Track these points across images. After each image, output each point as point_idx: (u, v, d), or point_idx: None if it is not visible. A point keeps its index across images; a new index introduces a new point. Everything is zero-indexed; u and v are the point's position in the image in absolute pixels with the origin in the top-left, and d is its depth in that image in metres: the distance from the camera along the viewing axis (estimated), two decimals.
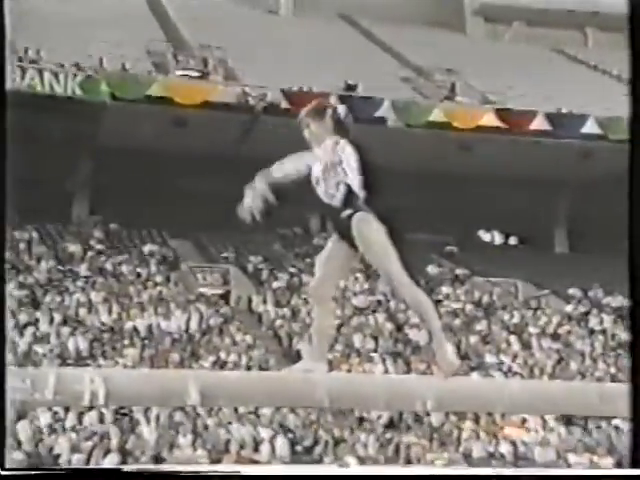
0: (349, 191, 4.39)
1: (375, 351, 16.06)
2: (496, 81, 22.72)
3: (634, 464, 3.74)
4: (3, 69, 3.51)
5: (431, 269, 21.06)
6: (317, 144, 4.40)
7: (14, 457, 10.64)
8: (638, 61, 3.83)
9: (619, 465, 11.89)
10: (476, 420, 13.48)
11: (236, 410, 12.27)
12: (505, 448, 13.08)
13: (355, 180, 4.38)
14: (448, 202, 22.27)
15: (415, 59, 24.77)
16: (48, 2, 21.57)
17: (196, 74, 20.97)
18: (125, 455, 11.35)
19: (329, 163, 4.39)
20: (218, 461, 11.55)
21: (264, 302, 18.00)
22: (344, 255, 4.46)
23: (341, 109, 4.55)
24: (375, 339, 16.51)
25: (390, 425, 13.25)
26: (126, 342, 14.88)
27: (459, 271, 21.04)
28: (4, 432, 3.43)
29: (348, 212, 4.38)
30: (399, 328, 17.26)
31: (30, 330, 14.59)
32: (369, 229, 4.40)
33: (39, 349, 14.01)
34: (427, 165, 21.02)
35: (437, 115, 21.00)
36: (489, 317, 18.66)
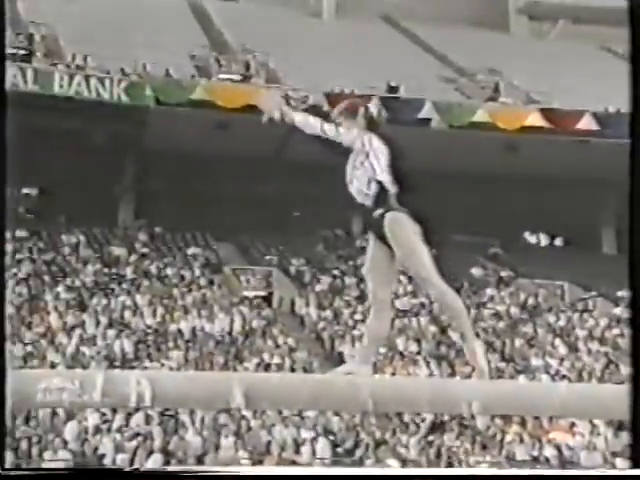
0: (381, 189, 4.34)
1: (419, 354, 15.96)
2: (541, 80, 22.43)
3: (634, 464, 3.67)
4: (3, 69, 3.53)
5: (475, 271, 20.87)
6: (349, 142, 4.35)
7: (60, 456, 10.81)
8: (638, 61, 3.74)
9: None
10: (522, 424, 13.31)
11: (280, 412, 12.30)
12: (550, 452, 12.89)
13: (384, 175, 4.32)
14: (493, 203, 22.06)
15: (457, 59, 24.58)
16: (94, 10, 21.92)
17: (238, 77, 21.11)
18: (168, 456, 11.45)
19: (358, 159, 4.35)
20: (259, 462, 11.59)
21: (307, 304, 18.02)
22: (386, 256, 4.41)
23: (373, 107, 4.50)
24: (418, 342, 16.42)
25: (433, 428, 13.15)
26: (170, 344, 15.03)
27: (504, 273, 20.81)
28: (4, 432, 3.47)
29: (380, 211, 4.33)
30: (443, 331, 17.14)
31: (77, 332, 14.81)
32: (400, 228, 4.33)
33: (86, 351, 14.22)
34: (472, 166, 20.85)
35: (481, 116, 20.82)
36: (534, 319, 18.41)
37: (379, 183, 4.33)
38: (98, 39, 20.42)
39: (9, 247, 18.42)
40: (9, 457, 10.34)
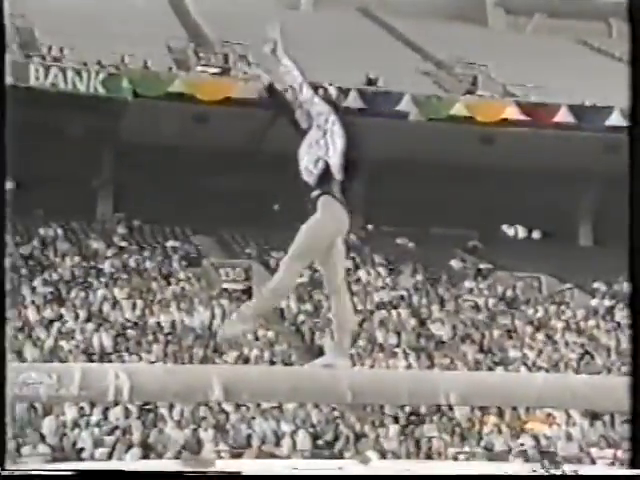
0: (326, 170, 4.25)
1: (398, 346, 16.03)
2: (518, 74, 22.54)
3: (634, 464, 3.65)
4: (3, 67, 3.52)
5: (454, 263, 20.97)
6: (316, 113, 4.28)
7: (39, 450, 10.76)
8: (638, 61, 3.77)
9: None
10: (500, 414, 13.42)
11: (259, 405, 12.31)
12: (527, 442, 13.01)
13: (334, 159, 4.24)
14: (471, 196, 22.15)
15: (436, 52, 24.63)
16: (70, 1, 21.72)
17: (217, 70, 21.01)
18: (148, 450, 11.42)
19: (315, 136, 4.27)
20: (239, 456, 11.59)
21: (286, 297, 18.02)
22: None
23: (332, 90, 4.47)
24: (398, 334, 16.48)
25: (412, 419, 13.23)
26: (150, 338, 14.97)
27: (482, 265, 20.92)
28: (4, 432, 3.46)
29: (317, 192, 4.26)
30: (422, 323, 17.21)
31: (56, 326, 14.72)
32: (323, 215, 4.20)
33: (65, 345, 14.13)
34: (450, 159, 20.92)
35: (459, 109, 20.89)
36: (512, 312, 18.54)
37: (326, 164, 4.24)
38: (74, 31, 20.22)
39: None
40: None
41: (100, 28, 20.99)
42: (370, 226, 23.28)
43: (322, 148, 4.25)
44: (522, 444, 12.70)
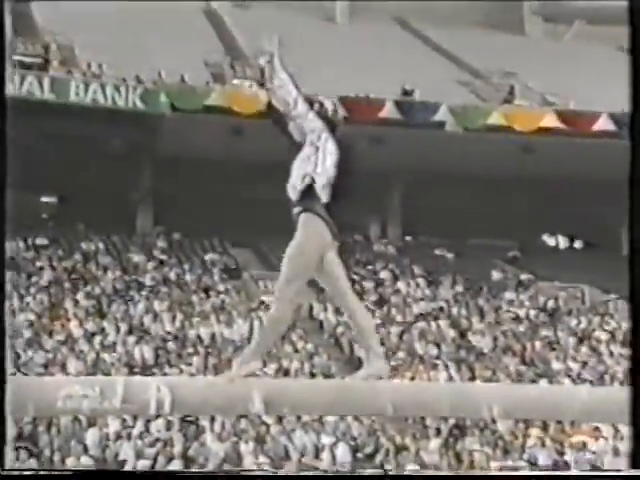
0: (310, 187, 4.17)
1: (438, 358, 15.89)
2: (556, 82, 22.31)
3: (634, 464, 3.59)
4: (3, 77, 3.56)
5: (494, 274, 20.76)
6: (310, 130, 4.18)
7: (82, 462, 10.85)
8: (638, 61, 3.73)
9: None
10: (544, 427, 13.20)
11: (299, 417, 12.28)
12: (572, 456, 12.77)
13: (321, 177, 4.14)
14: (510, 206, 21.96)
15: (472, 62, 24.51)
16: (109, 18, 22.07)
17: (253, 83, 21.15)
18: (189, 462, 11.46)
19: (306, 153, 4.19)
20: (280, 468, 11.57)
21: (325, 309, 17.99)
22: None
23: (329, 104, 4.37)
24: (438, 346, 16.34)
25: (454, 432, 13.08)
26: (190, 350, 15.05)
27: (523, 276, 20.69)
28: (4, 433, 3.49)
29: (299, 209, 4.19)
30: (462, 334, 17.06)
31: (98, 339, 14.88)
32: (303, 234, 4.14)
33: (107, 358, 14.27)
34: (488, 169, 20.77)
35: (496, 118, 20.75)
36: (555, 323, 18.28)
37: (312, 180, 4.17)
38: (113, 47, 20.54)
39: (29, 254, 18.55)
40: (33, 464, 10.40)
41: (137, 43, 21.29)
42: (408, 237, 23.18)
43: (311, 164, 4.19)
44: (565, 460, 12.47)
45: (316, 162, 4.17)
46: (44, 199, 22.18)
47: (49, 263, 18.11)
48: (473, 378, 14.71)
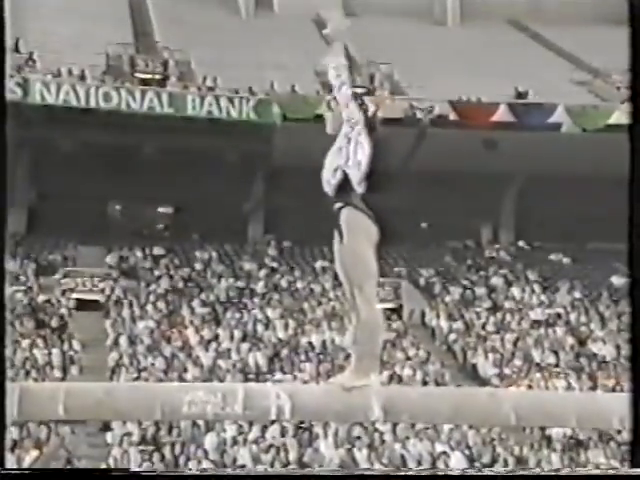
0: (345, 181, 4.03)
1: (557, 366, 15.40)
2: None
3: (634, 464, 3.54)
4: (3, 82, 3.61)
5: (615, 280, 19.95)
6: (347, 116, 4.08)
7: (204, 466, 11.12)
8: (638, 62, 3.53)
9: None
10: None
11: (413, 425, 12.16)
12: None
13: (354, 170, 4.03)
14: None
15: (590, 60, 23.68)
16: (223, 33, 22.65)
17: (363, 90, 21.18)
18: (303, 468, 11.53)
19: (338, 145, 4.09)
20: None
21: (437, 316, 17.78)
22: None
23: (371, 105, 4.17)
24: (555, 353, 15.84)
25: (574, 443, 12.62)
26: (302, 357, 15.18)
27: None
28: (4, 433, 3.54)
29: (339, 205, 4.04)
30: (581, 342, 16.47)
31: (213, 346, 15.23)
32: (352, 227, 3.99)
33: (222, 364, 14.58)
34: (607, 170, 19.93)
35: (618, 118, 19.94)
36: None
37: (345, 174, 4.02)
38: (227, 61, 21.05)
39: (147, 264, 19.23)
40: (157, 464, 10.72)
41: (249, 55, 21.75)
42: (521, 242, 22.60)
43: (343, 157, 4.09)
44: None
45: (347, 154, 4.08)
46: (161, 209, 22.94)
47: (166, 272, 18.70)
48: (595, 387, 14.16)
